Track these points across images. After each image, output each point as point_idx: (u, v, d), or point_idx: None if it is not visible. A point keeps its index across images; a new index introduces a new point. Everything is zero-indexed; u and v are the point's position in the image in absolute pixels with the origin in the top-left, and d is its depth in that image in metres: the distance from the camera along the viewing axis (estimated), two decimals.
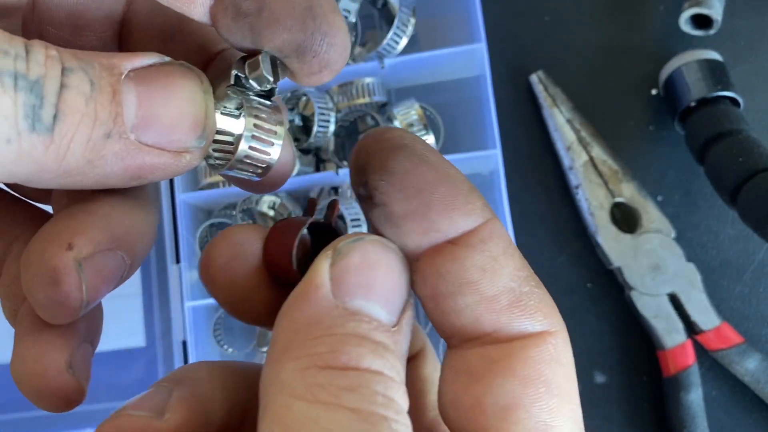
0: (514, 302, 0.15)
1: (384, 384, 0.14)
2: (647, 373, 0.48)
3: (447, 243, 0.15)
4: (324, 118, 0.49)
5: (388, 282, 0.15)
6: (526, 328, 0.15)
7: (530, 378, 0.15)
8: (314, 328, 0.14)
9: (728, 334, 0.46)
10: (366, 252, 0.15)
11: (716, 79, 0.46)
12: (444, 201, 0.15)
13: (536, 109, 0.51)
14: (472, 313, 0.15)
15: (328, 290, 0.15)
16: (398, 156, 0.16)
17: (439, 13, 0.53)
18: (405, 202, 0.15)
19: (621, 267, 0.47)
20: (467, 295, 0.15)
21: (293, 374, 0.14)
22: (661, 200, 0.49)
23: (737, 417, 0.47)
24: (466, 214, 0.15)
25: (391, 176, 0.15)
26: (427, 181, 0.15)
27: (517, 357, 0.15)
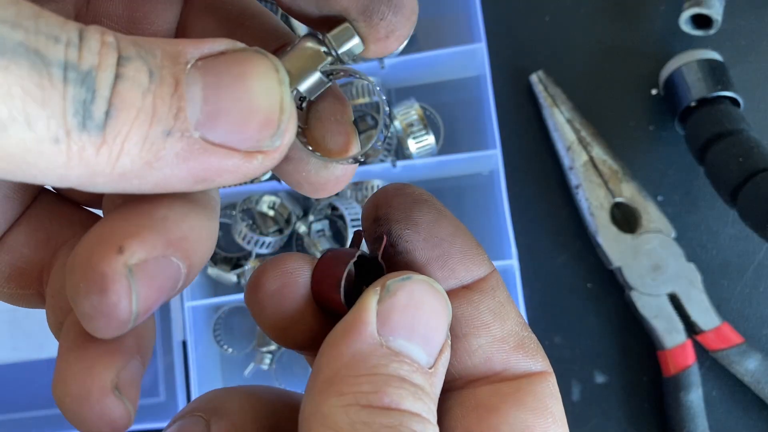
0: (519, 345, 0.17)
1: (422, 425, 0.15)
2: (647, 373, 0.48)
3: (461, 288, 0.17)
4: None
5: (431, 323, 0.16)
6: (530, 367, 0.17)
7: (540, 409, 0.16)
8: (359, 366, 0.15)
9: (728, 334, 0.46)
10: (413, 292, 0.16)
11: (716, 79, 0.46)
12: (462, 251, 0.17)
13: (536, 109, 0.51)
14: (485, 353, 0.17)
15: (374, 328, 0.15)
16: (423, 209, 0.17)
17: (439, 13, 0.53)
18: (428, 251, 0.17)
19: (621, 267, 0.47)
20: (480, 336, 0.17)
21: (336, 410, 0.14)
22: (662, 200, 0.49)
23: (737, 417, 0.47)
24: (479, 263, 0.17)
25: (416, 226, 0.17)
26: (448, 233, 0.17)
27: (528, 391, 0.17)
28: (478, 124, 0.51)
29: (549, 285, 0.50)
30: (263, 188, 0.50)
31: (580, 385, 0.49)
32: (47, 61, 0.12)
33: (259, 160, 0.14)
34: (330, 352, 0.15)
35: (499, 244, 0.50)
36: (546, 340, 0.49)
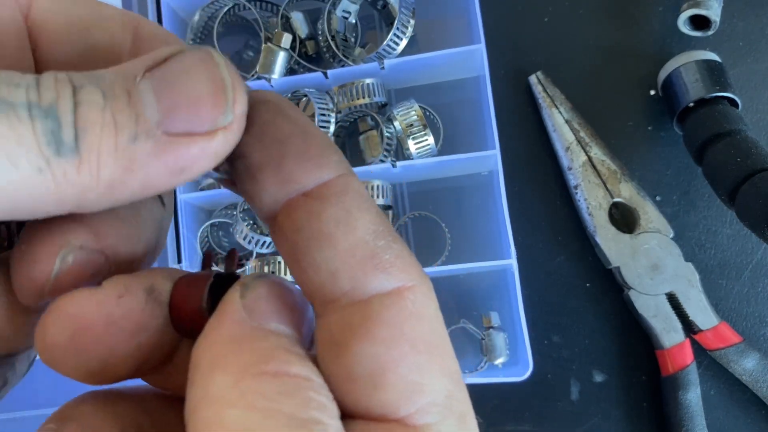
0: (368, 256, 0.15)
1: (315, 390, 0.14)
2: (646, 373, 0.48)
3: (302, 196, 0.16)
4: (324, 118, 0.49)
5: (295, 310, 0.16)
6: (383, 284, 0.15)
7: (392, 339, 0.15)
8: (238, 344, 0.14)
9: (726, 333, 0.46)
10: (270, 285, 0.16)
11: (714, 79, 0.46)
12: (298, 151, 0.16)
13: (535, 110, 0.51)
14: (328, 267, 0.15)
15: (243, 315, 0.15)
16: (260, 109, 0.16)
17: (438, 14, 0.53)
18: (262, 152, 0.16)
19: (619, 267, 0.47)
20: (323, 248, 0.15)
21: (225, 385, 0.14)
22: (660, 200, 0.49)
23: (735, 416, 0.47)
24: (319, 165, 0.16)
25: (251, 127, 0.16)
26: (283, 133, 0.16)
27: (376, 318, 0.15)
28: (478, 124, 0.51)
29: (547, 284, 0.50)
30: None
31: (578, 384, 0.49)
32: (13, 105, 0.13)
33: (221, 136, 0.15)
34: (206, 342, 0.15)
35: (498, 244, 0.50)
36: (544, 339, 0.50)
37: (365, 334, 0.15)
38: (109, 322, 0.16)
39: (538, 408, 0.49)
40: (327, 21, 0.51)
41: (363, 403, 0.15)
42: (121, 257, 0.17)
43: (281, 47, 0.51)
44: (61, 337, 0.16)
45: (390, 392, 0.15)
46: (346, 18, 0.52)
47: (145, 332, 0.16)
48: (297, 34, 0.52)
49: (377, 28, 0.54)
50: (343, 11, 0.52)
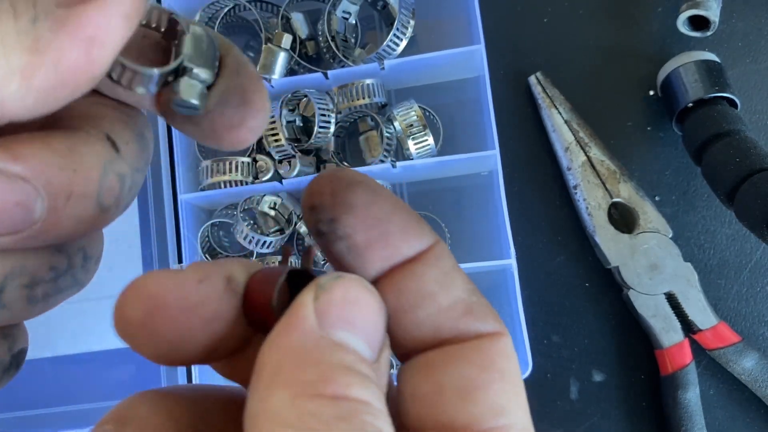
0: (467, 311, 0.17)
1: (373, 414, 0.14)
2: (645, 372, 0.49)
3: (404, 262, 0.17)
4: (324, 119, 0.49)
5: (369, 318, 0.16)
6: (479, 329, 0.17)
7: (486, 366, 0.16)
8: (302, 357, 0.15)
9: (725, 333, 0.46)
10: (348, 288, 0.16)
11: (713, 80, 0.46)
12: (401, 227, 0.17)
13: (535, 110, 0.51)
14: (432, 323, 0.17)
15: (313, 321, 0.15)
16: (357, 191, 0.17)
17: (438, 15, 0.53)
18: (367, 232, 0.17)
19: (619, 266, 0.47)
20: (427, 307, 0.17)
21: (282, 403, 0.14)
22: (659, 200, 0.49)
23: (734, 415, 0.48)
24: (419, 236, 0.17)
25: (352, 209, 0.17)
26: (385, 212, 0.17)
27: (474, 349, 0.16)
28: (477, 125, 0.52)
29: (547, 284, 0.50)
30: (265, 189, 0.50)
31: (578, 383, 0.49)
32: None
33: None
34: (270, 349, 0.15)
35: (497, 244, 0.50)
36: (544, 338, 0.50)
37: (463, 359, 0.16)
38: (187, 305, 0.16)
39: (538, 407, 0.49)
40: (327, 22, 0.51)
41: (449, 415, 0.16)
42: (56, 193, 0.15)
43: (281, 48, 0.51)
44: (138, 313, 0.16)
45: (477, 407, 0.16)
46: (346, 19, 0.53)
47: (219, 321, 0.17)
48: (297, 35, 0.52)
49: (377, 28, 0.54)
50: (343, 12, 0.52)
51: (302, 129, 0.53)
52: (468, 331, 0.17)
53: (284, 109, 0.50)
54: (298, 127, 0.52)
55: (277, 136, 0.50)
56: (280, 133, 0.50)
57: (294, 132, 0.52)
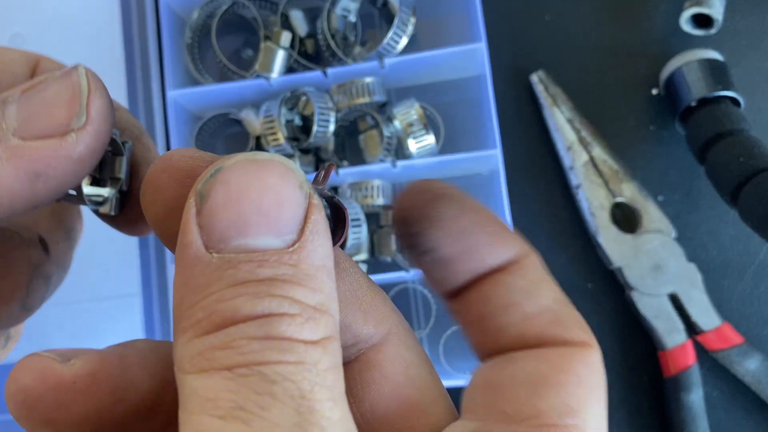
0: (554, 320, 0.16)
1: (266, 326, 0.13)
2: (648, 374, 0.48)
3: (491, 271, 0.17)
4: (324, 117, 0.49)
5: (266, 201, 0.13)
6: (565, 337, 0.16)
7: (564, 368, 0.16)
8: (193, 294, 0.13)
9: (729, 334, 0.46)
10: (229, 182, 0.13)
11: (717, 78, 0.46)
12: (487, 239, 0.17)
13: (536, 109, 0.51)
14: (517, 330, 0.16)
15: (198, 246, 0.13)
16: (443, 204, 0.16)
17: (439, 12, 0.53)
18: (452, 246, 0.16)
19: (621, 267, 0.47)
20: (512, 315, 0.16)
21: (180, 350, 0.13)
22: (662, 200, 0.49)
23: (738, 417, 0.47)
24: (507, 246, 0.17)
25: (438, 223, 0.16)
26: (470, 225, 0.17)
27: (556, 353, 0.16)
28: (479, 124, 0.51)
29: None
30: None
31: None
32: None
33: (73, 137, 0.16)
34: (173, 290, 0.14)
35: None
36: None
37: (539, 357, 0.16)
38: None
39: None
40: (326, 19, 0.51)
41: (515, 405, 0.15)
42: None
43: (280, 46, 0.50)
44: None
45: (546, 403, 0.15)
46: (345, 16, 0.52)
47: None
48: (296, 33, 0.52)
49: (377, 26, 0.54)
50: (343, 9, 0.52)
51: (301, 128, 0.52)
52: (553, 338, 0.16)
53: (283, 107, 0.50)
54: (297, 126, 0.52)
55: (275, 135, 0.49)
56: (278, 132, 0.49)
57: (293, 131, 0.51)
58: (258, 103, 0.51)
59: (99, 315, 0.53)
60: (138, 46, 0.53)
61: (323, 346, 0.13)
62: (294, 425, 0.12)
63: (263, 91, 0.51)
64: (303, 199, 0.14)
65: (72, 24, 0.55)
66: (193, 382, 0.13)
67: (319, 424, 0.12)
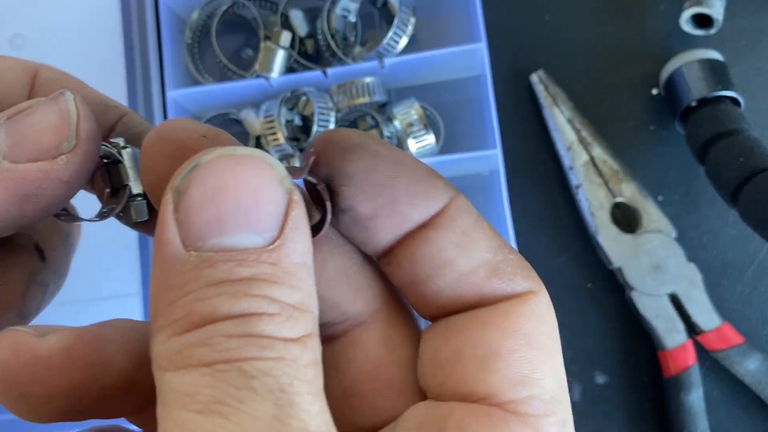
0: (492, 272, 0.15)
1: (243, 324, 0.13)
2: (648, 374, 0.48)
3: (418, 228, 0.15)
4: (324, 117, 0.49)
5: (245, 198, 0.13)
6: (507, 290, 0.15)
7: (510, 330, 0.15)
8: (171, 292, 0.13)
9: (729, 334, 0.46)
10: (206, 178, 0.13)
11: (717, 78, 0.46)
12: (407, 191, 0.15)
13: (536, 109, 0.51)
14: (453, 291, 0.15)
15: (176, 244, 0.13)
16: (354, 157, 0.15)
17: (439, 12, 0.53)
18: (370, 202, 0.15)
19: (621, 267, 0.47)
20: (446, 275, 0.15)
21: (158, 347, 0.13)
22: (662, 200, 0.49)
23: (738, 417, 0.47)
24: (430, 197, 0.15)
25: (350, 179, 0.15)
26: (387, 177, 0.15)
27: (498, 312, 0.15)
28: (479, 124, 0.51)
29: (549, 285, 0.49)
30: None
31: (580, 385, 0.49)
32: None
33: (64, 159, 0.16)
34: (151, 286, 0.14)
35: None
36: None
37: (485, 323, 0.15)
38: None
39: None
40: (326, 19, 0.51)
41: (467, 384, 0.15)
42: None
43: (280, 46, 0.50)
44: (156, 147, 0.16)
45: (498, 377, 0.15)
46: (345, 16, 0.52)
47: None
48: (296, 33, 0.52)
49: (377, 26, 0.54)
50: (343, 9, 0.52)
51: (301, 128, 0.52)
52: (494, 294, 0.15)
53: (283, 107, 0.50)
54: (297, 126, 0.52)
55: (275, 135, 0.49)
56: (278, 132, 0.49)
57: (293, 131, 0.51)
58: (258, 103, 0.51)
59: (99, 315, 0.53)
60: (138, 46, 0.53)
61: (303, 343, 0.13)
62: (272, 417, 0.12)
63: (263, 91, 0.51)
64: (283, 194, 0.14)
65: (72, 24, 0.55)
66: (171, 378, 0.13)
67: (298, 416, 0.12)
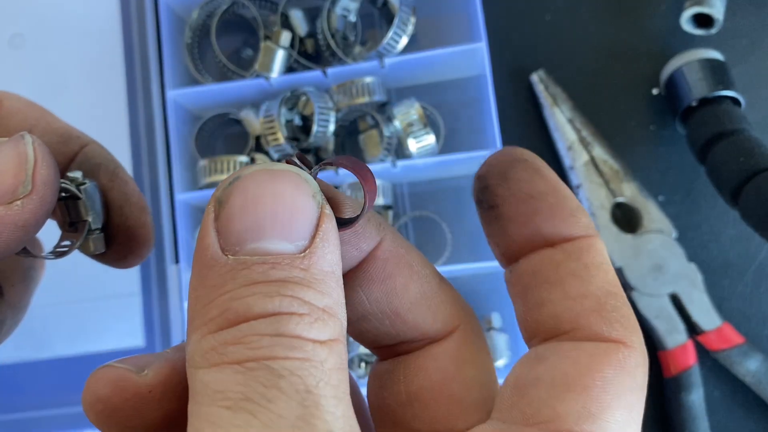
0: (596, 308, 0.16)
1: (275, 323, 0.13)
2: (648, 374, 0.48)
3: (547, 246, 0.16)
4: (324, 117, 0.49)
5: (280, 208, 0.14)
6: (602, 333, 0.15)
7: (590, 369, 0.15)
8: (208, 294, 0.14)
9: (729, 334, 0.46)
10: (246, 190, 0.14)
11: (717, 78, 0.45)
12: (550, 209, 0.16)
13: (537, 109, 0.51)
14: (554, 308, 0.16)
15: (215, 248, 0.14)
16: (517, 167, 0.17)
17: (439, 12, 0.53)
18: (515, 206, 0.17)
19: (622, 267, 0.47)
20: (553, 292, 0.16)
21: (193, 346, 0.14)
22: (663, 200, 0.49)
23: (738, 417, 0.47)
24: (569, 224, 0.16)
25: (507, 182, 0.17)
26: (538, 191, 0.17)
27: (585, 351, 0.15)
28: (479, 123, 0.51)
29: None
30: None
31: None
32: None
33: (19, 204, 0.17)
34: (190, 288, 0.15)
35: None
36: None
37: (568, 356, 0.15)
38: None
39: None
40: (326, 19, 0.51)
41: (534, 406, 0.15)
42: None
43: (280, 46, 0.50)
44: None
45: (565, 406, 0.15)
46: (345, 16, 0.52)
47: None
48: (296, 33, 0.52)
49: (377, 26, 0.54)
50: (343, 9, 0.52)
51: (301, 128, 0.52)
52: (589, 331, 0.16)
53: (283, 107, 0.50)
54: (297, 125, 0.52)
55: (275, 134, 0.49)
56: (278, 131, 0.49)
57: (293, 131, 0.51)
58: (258, 103, 0.51)
59: (99, 315, 0.53)
60: (138, 46, 0.53)
61: (329, 346, 0.14)
62: (297, 417, 0.13)
63: (263, 90, 0.51)
64: (315, 208, 0.15)
65: (72, 24, 0.55)
66: (204, 375, 0.13)
67: (322, 418, 0.13)
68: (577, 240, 0.16)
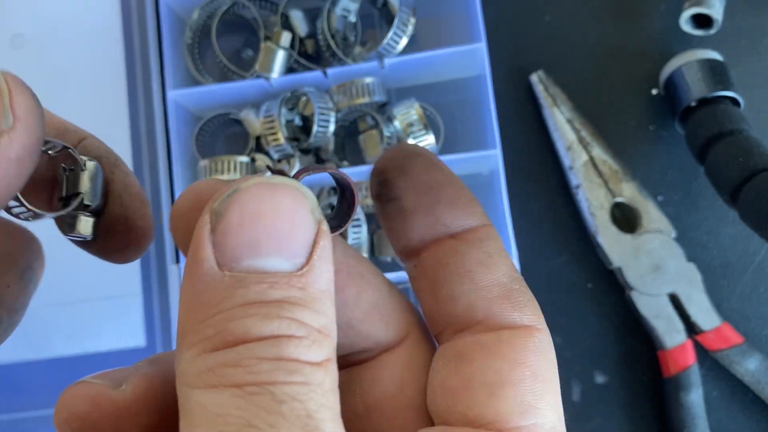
0: (505, 294, 0.17)
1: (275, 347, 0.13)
2: (647, 374, 0.48)
3: (449, 237, 0.17)
4: (324, 117, 0.49)
5: (279, 224, 0.14)
6: (515, 319, 0.16)
7: (517, 361, 0.16)
8: (203, 310, 0.14)
9: (729, 334, 0.46)
10: (244, 203, 0.14)
11: (717, 78, 0.46)
12: (450, 199, 0.17)
13: (536, 109, 0.51)
14: (467, 299, 0.17)
15: (211, 263, 0.14)
16: (415, 160, 0.18)
17: (439, 12, 0.53)
18: (416, 197, 0.17)
19: (621, 267, 0.47)
20: (463, 283, 0.17)
21: (187, 364, 0.14)
22: (662, 200, 0.49)
23: (737, 417, 0.47)
24: (468, 213, 0.17)
25: (407, 175, 0.17)
26: (437, 182, 0.17)
27: (507, 342, 0.16)
28: (478, 124, 0.51)
29: (549, 285, 0.50)
30: None
31: (580, 385, 0.49)
32: None
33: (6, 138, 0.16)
34: (179, 302, 0.14)
35: None
36: None
37: (495, 353, 0.16)
38: None
39: None
40: (326, 19, 0.51)
41: (476, 409, 0.16)
42: None
43: (280, 46, 0.50)
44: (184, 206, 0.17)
45: (506, 403, 0.15)
46: (345, 16, 0.52)
47: None
48: (296, 33, 0.52)
49: (377, 26, 0.54)
50: (343, 10, 0.52)
51: (301, 128, 0.52)
52: (502, 319, 0.16)
53: (283, 107, 0.50)
54: (297, 126, 0.52)
55: (275, 135, 0.50)
56: (278, 132, 0.49)
57: (293, 131, 0.52)
58: (258, 103, 0.51)
59: (99, 315, 0.53)
60: (138, 46, 0.53)
61: (325, 367, 0.14)
62: None
63: (263, 91, 0.51)
64: (313, 224, 0.15)
65: (72, 24, 0.55)
66: (200, 397, 0.13)
67: None
68: (477, 229, 0.17)
